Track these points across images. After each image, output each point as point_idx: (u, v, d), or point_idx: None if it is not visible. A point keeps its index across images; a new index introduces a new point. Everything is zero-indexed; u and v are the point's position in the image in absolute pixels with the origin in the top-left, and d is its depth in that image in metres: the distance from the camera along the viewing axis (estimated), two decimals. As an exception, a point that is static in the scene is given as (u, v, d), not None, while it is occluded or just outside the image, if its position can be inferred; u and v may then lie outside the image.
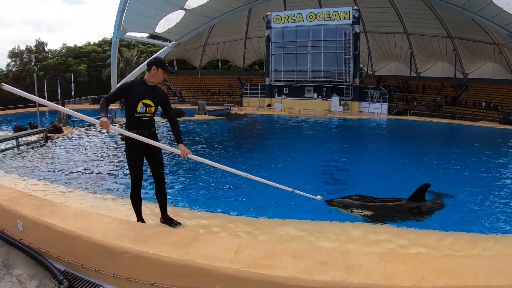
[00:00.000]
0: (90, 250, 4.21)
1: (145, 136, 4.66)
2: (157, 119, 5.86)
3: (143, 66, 43.20)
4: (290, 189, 6.37)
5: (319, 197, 6.72)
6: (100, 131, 18.79)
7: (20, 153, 13.37)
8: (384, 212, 6.97)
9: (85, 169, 10.61)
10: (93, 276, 4.25)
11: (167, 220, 5.44)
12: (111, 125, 4.33)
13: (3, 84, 3.77)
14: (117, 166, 11.14)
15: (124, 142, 5.04)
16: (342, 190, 8.77)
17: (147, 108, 4.77)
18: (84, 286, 4.21)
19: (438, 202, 7.32)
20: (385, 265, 3.36)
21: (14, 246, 5.16)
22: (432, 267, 3.38)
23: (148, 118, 4.83)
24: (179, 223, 5.53)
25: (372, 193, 7.78)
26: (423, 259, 3.61)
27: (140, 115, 4.75)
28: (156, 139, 4.94)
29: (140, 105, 4.72)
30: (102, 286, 4.15)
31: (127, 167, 5.15)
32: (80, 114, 4.75)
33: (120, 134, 11.55)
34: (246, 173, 5.94)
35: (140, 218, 5.28)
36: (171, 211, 5.88)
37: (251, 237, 5.47)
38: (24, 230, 5.08)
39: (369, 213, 6.85)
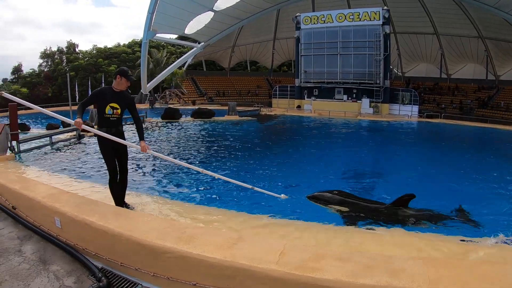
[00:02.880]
0: (131, 248, 4.22)
1: (112, 133, 5.65)
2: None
3: (172, 67, 43.56)
4: (250, 186, 7.04)
5: (283, 196, 7.21)
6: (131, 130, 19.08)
7: (54, 151, 13.61)
8: (361, 212, 6.92)
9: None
10: (132, 275, 4.27)
11: (122, 204, 6.23)
12: (83, 125, 5.36)
13: (3, 92, 5.11)
14: (150, 164, 11.23)
15: (97, 140, 5.95)
16: (369, 190, 8.88)
17: (114, 110, 5.72)
18: (123, 284, 4.23)
19: (423, 212, 6.95)
20: (428, 270, 3.31)
21: (51, 242, 5.23)
22: (475, 273, 3.35)
23: (115, 119, 5.79)
24: (132, 207, 6.45)
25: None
26: (466, 265, 3.58)
27: (108, 116, 5.71)
28: (123, 137, 5.91)
29: (108, 108, 5.67)
30: (141, 284, 4.17)
31: (159, 166, 5.59)
32: (57, 115, 6.00)
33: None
34: (202, 169, 6.90)
35: (118, 204, 6.11)
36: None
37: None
38: (62, 227, 5.14)
39: (346, 211, 6.89)
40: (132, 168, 10.66)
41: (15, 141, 12.42)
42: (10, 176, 7.57)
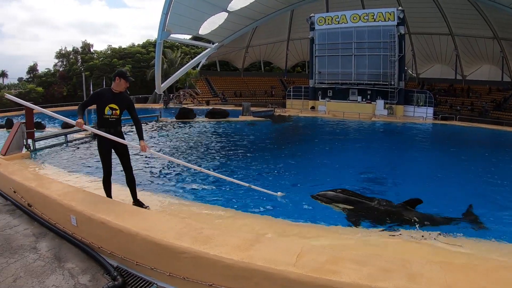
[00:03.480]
0: (147, 248, 4.23)
1: (111, 133, 5.86)
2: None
3: (186, 67, 43.70)
4: (247, 185, 7.25)
5: (279, 193, 7.40)
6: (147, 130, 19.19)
7: (69, 149, 13.75)
8: (365, 211, 6.97)
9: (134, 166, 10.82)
10: (148, 274, 4.29)
11: (137, 203, 6.43)
12: (84, 125, 5.61)
13: (5, 94, 5.12)
14: (164, 165, 11.24)
15: (96, 140, 6.20)
16: (383, 192, 8.76)
17: (113, 111, 5.92)
18: (138, 283, 4.24)
19: (429, 215, 6.88)
20: (445, 275, 3.30)
21: (66, 240, 5.27)
22: (491, 278, 3.35)
23: (114, 119, 5.97)
24: (147, 206, 6.47)
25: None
26: (482, 270, 3.56)
27: (107, 116, 5.89)
28: (122, 137, 6.09)
29: (107, 108, 5.86)
30: (156, 284, 4.17)
31: (173, 167, 5.68)
32: (59, 115, 6.35)
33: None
34: (200, 168, 7.27)
35: (109, 196, 6.32)
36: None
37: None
38: (78, 225, 5.17)
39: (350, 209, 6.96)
40: (147, 168, 10.73)
41: (31, 139, 12.56)
42: (26, 174, 7.61)
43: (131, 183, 6.40)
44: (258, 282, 3.52)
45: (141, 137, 6.12)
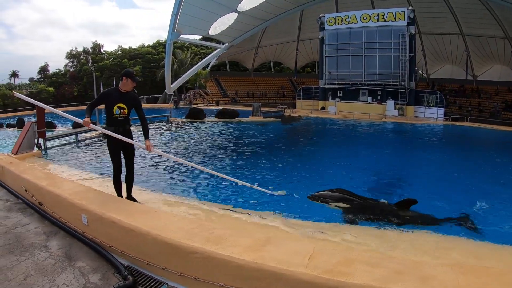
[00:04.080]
0: (158, 248, 4.24)
1: (120, 132, 6.00)
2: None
3: (196, 68, 43.75)
4: (249, 185, 7.40)
5: (280, 192, 7.62)
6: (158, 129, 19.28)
7: (79, 149, 13.82)
8: (362, 210, 7.11)
9: (143, 166, 10.89)
10: (159, 274, 4.29)
11: (130, 198, 6.59)
12: (91, 124, 5.77)
13: (14, 92, 5.22)
14: (175, 164, 11.28)
15: (106, 138, 6.35)
16: (392, 193, 8.78)
17: (121, 110, 6.05)
18: (149, 283, 4.24)
19: (424, 215, 6.99)
20: (457, 277, 3.27)
21: (77, 239, 5.30)
22: (503, 281, 3.33)
23: (122, 118, 6.11)
24: (139, 202, 6.58)
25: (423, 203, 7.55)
26: (494, 273, 3.54)
27: (116, 115, 6.03)
28: (130, 135, 6.26)
29: (115, 108, 6.00)
30: (167, 284, 4.17)
31: (184, 167, 7.26)
32: (68, 114, 6.36)
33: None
34: (203, 167, 7.41)
35: (119, 196, 6.44)
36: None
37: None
38: (89, 224, 5.19)
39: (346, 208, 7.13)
40: (157, 168, 10.78)
41: (42, 139, 12.65)
42: (37, 173, 7.66)
43: (129, 180, 6.57)
44: (270, 283, 3.51)
45: (146, 137, 6.25)
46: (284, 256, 3.68)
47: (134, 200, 6.61)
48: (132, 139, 6.27)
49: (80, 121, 5.88)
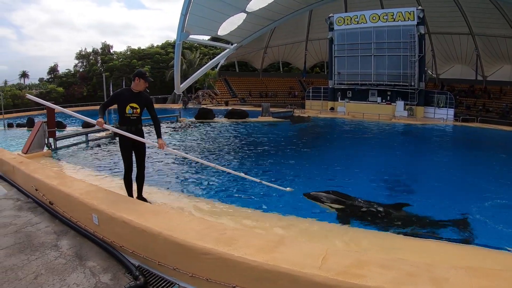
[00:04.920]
0: (170, 248, 4.22)
1: (132, 132, 6.05)
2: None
3: (205, 68, 43.85)
4: (258, 180, 7.46)
5: (288, 188, 7.55)
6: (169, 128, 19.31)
7: (89, 149, 13.92)
8: (355, 211, 7.22)
9: (154, 165, 10.90)
10: (170, 274, 4.28)
11: (141, 198, 6.63)
12: (104, 124, 5.83)
13: (27, 94, 5.21)
14: (185, 164, 11.32)
15: (118, 138, 6.57)
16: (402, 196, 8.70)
17: (134, 110, 6.13)
18: (160, 283, 4.23)
19: (417, 217, 7.01)
20: (471, 280, 3.23)
21: (88, 238, 5.30)
22: None
23: (135, 117, 6.18)
24: (149, 202, 6.65)
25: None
26: (507, 277, 3.44)
27: (129, 115, 6.11)
28: (142, 134, 6.34)
29: (128, 107, 6.08)
30: (178, 284, 4.15)
31: (194, 166, 7.73)
32: (79, 115, 6.47)
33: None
34: (214, 164, 7.43)
35: (130, 195, 6.48)
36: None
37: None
38: (99, 224, 5.19)
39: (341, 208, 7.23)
40: (168, 168, 10.79)
41: (52, 138, 12.72)
42: (48, 172, 7.67)
43: (140, 179, 6.65)
44: (283, 285, 3.48)
45: (159, 135, 6.31)
46: (297, 258, 3.65)
47: (144, 200, 6.65)
48: (144, 138, 6.33)
49: (92, 121, 5.98)
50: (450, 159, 15.61)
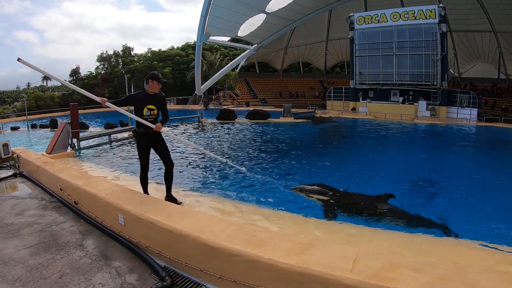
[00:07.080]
0: (198, 249, 4.20)
1: (150, 133, 6.27)
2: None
3: (226, 69, 43.94)
4: (225, 160, 8.79)
5: (243, 169, 8.34)
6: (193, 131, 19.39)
7: (112, 149, 14.07)
8: (341, 202, 7.43)
9: (180, 166, 10.93)
10: (197, 276, 4.25)
11: (170, 198, 6.70)
12: (107, 101, 6.08)
13: (19, 57, 5.86)
14: (212, 165, 11.28)
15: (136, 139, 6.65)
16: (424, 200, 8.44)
17: (151, 111, 6.26)
18: (186, 284, 4.20)
19: (399, 211, 7.14)
20: (502, 284, 3.16)
21: (113, 238, 5.33)
22: None
23: (152, 119, 6.29)
24: (181, 202, 6.78)
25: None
26: None
27: (146, 117, 6.21)
28: (160, 135, 6.50)
29: (145, 109, 6.20)
30: (205, 286, 4.13)
31: (220, 167, 8.22)
32: (84, 91, 6.89)
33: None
34: (221, 158, 8.22)
35: (145, 192, 6.61)
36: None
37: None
38: (125, 224, 5.20)
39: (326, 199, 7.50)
40: (195, 168, 10.80)
41: (76, 139, 12.87)
42: (72, 172, 7.75)
43: (169, 178, 6.67)
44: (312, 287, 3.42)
45: (162, 123, 6.44)
46: (327, 260, 3.59)
47: (174, 199, 6.74)
48: (162, 138, 6.55)
49: (96, 98, 6.44)
50: (480, 160, 15.13)
